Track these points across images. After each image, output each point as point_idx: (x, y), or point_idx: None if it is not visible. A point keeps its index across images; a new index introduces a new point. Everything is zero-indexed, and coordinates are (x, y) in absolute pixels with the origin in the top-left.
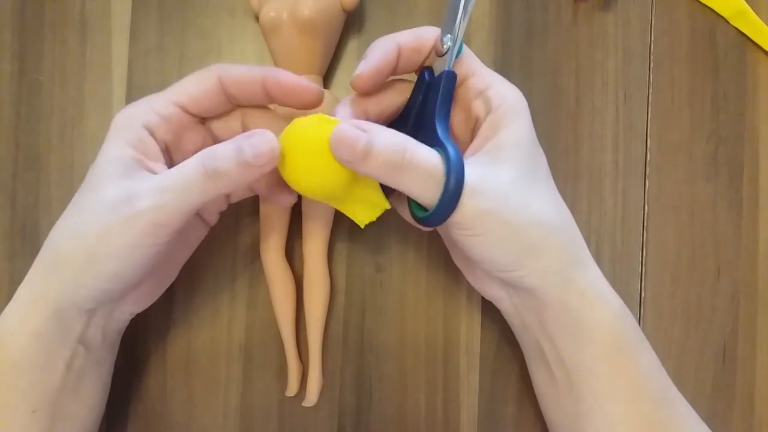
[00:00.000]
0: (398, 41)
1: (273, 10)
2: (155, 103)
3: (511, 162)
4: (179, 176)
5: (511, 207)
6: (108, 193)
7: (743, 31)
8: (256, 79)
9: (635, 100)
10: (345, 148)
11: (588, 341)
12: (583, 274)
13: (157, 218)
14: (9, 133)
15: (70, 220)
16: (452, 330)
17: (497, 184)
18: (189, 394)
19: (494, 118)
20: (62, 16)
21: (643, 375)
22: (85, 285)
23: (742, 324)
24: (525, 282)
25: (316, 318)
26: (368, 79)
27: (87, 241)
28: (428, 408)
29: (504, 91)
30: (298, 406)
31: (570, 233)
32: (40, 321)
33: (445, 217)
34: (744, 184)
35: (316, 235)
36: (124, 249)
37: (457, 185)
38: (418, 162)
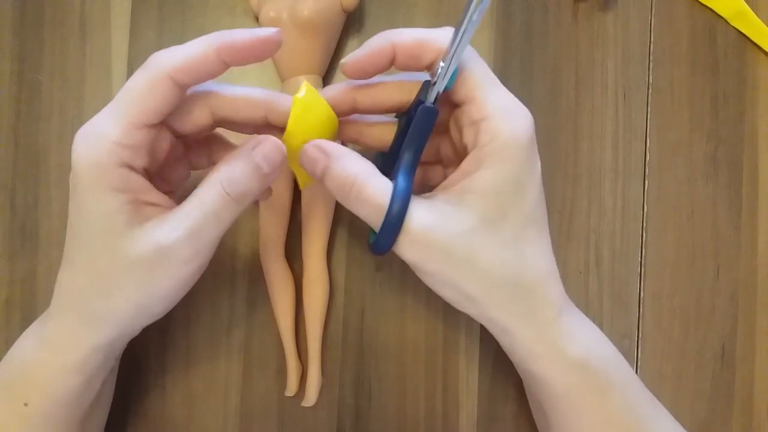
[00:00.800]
0: (394, 41)
1: (273, 10)
2: (119, 137)
3: (474, 208)
4: (205, 211)
5: (455, 258)
6: (133, 253)
7: (743, 32)
8: (209, 56)
9: (635, 100)
10: (308, 166)
11: (543, 386)
12: (530, 328)
13: (198, 258)
14: (9, 133)
15: (95, 280)
16: (452, 330)
17: (448, 231)
18: (189, 394)
19: (477, 155)
20: (62, 16)
21: (609, 416)
22: (135, 329)
23: (742, 324)
24: (476, 319)
25: (315, 318)
26: (351, 68)
27: (130, 298)
28: (427, 408)
29: (498, 126)
30: (297, 406)
31: (521, 288)
32: (88, 361)
33: (386, 244)
34: (743, 184)
35: (315, 235)
36: (171, 291)
37: (399, 213)
38: (364, 195)
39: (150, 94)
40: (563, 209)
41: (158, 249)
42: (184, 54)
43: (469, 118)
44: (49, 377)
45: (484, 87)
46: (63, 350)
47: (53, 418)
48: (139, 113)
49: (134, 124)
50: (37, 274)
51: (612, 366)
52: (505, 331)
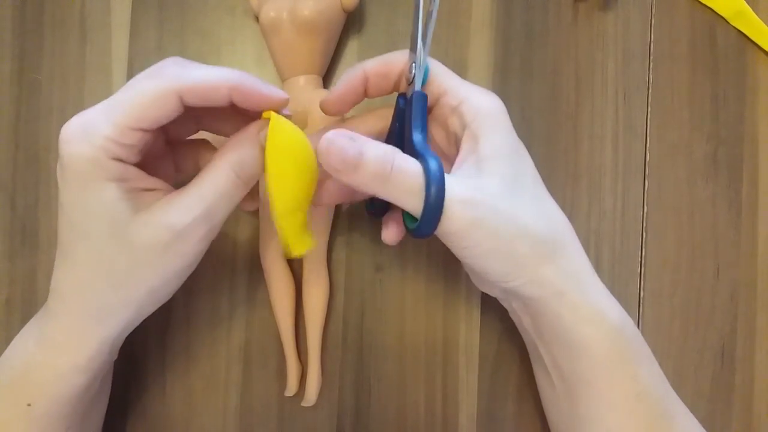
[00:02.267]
0: (365, 68)
1: (273, 10)
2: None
3: (494, 173)
4: (217, 193)
5: (499, 218)
6: (144, 238)
7: (743, 31)
8: (220, 89)
9: (635, 100)
10: (335, 158)
11: (582, 354)
12: (577, 287)
13: (210, 232)
14: (9, 133)
15: (101, 270)
16: (451, 330)
17: (485, 196)
18: (189, 394)
19: (471, 131)
20: (62, 16)
21: (641, 388)
22: (143, 316)
23: (741, 324)
24: (520, 291)
25: (315, 318)
26: (333, 103)
27: (142, 282)
28: (427, 408)
29: (477, 102)
30: (297, 406)
31: (562, 243)
32: (95, 360)
33: (431, 227)
34: (743, 185)
35: (315, 235)
36: (183, 272)
37: (438, 194)
38: (404, 172)
39: (154, 104)
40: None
41: (174, 231)
42: (200, 78)
43: (449, 107)
44: (54, 379)
45: (450, 78)
46: (69, 350)
47: (57, 417)
48: (138, 118)
49: (131, 127)
50: (37, 274)
51: (639, 336)
52: (555, 294)
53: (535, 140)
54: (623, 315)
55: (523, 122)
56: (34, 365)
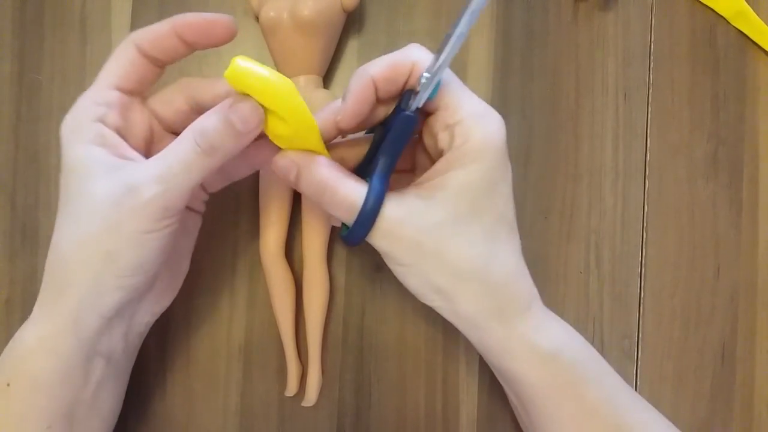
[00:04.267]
0: (372, 74)
1: (273, 10)
2: (93, 95)
3: (446, 204)
4: (176, 158)
5: (424, 249)
6: (101, 191)
7: (743, 31)
8: (168, 32)
9: (635, 100)
10: (281, 174)
11: (518, 381)
12: (500, 324)
13: (165, 202)
14: (9, 133)
15: (67, 230)
16: (452, 330)
17: (418, 224)
18: (189, 394)
19: (451, 156)
20: (62, 15)
21: (589, 406)
22: (107, 287)
23: (742, 324)
24: (442, 314)
25: (315, 318)
26: (350, 121)
27: (99, 241)
28: (428, 408)
29: (472, 129)
30: (297, 406)
31: (490, 284)
32: (59, 338)
33: (357, 240)
34: (744, 184)
35: (315, 235)
36: (139, 236)
37: (369, 216)
38: (338, 198)
39: (117, 59)
40: (563, 209)
41: (124, 187)
42: (148, 28)
43: (443, 123)
44: (25, 355)
45: (457, 94)
46: (37, 323)
47: (33, 404)
48: (107, 75)
49: (105, 85)
50: (37, 274)
51: (584, 358)
52: (475, 327)
53: (535, 140)
54: (562, 339)
55: (523, 122)
56: (14, 341)
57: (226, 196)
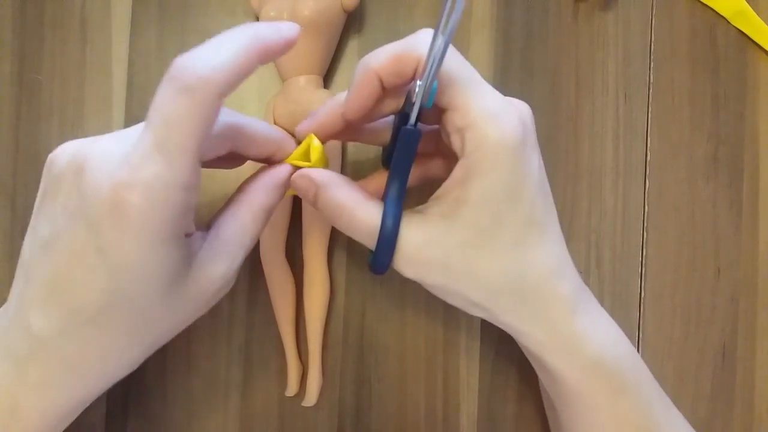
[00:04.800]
0: (375, 68)
1: (273, 10)
2: (179, 173)
3: (468, 221)
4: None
5: (454, 272)
6: (192, 291)
7: (743, 31)
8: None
9: (635, 100)
10: (299, 192)
11: (557, 380)
12: (541, 328)
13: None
14: (9, 133)
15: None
16: (452, 330)
17: (444, 247)
18: (189, 394)
19: (466, 164)
20: (62, 16)
21: (621, 417)
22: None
23: (742, 324)
24: (492, 322)
25: (315, 318)
26: (354, 114)
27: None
28: (428, 408)
29: (484, 133)
30: (297, 406)
31: (525, 291)
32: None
33: (381, 270)
34: (744, 184)
35: (316, 235)
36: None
37: (387, 246)
38: (356, 222)
39: (202, 122)
40: (563, 209)
41: (225, 280)
42: (229, 68)
43: (453, 125)
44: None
45: (467, 92)
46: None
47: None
48: (196, 146)
49: (191, 156)
50: None
51: (627, 366)
52: (519, 333)
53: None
54: (607, 343)
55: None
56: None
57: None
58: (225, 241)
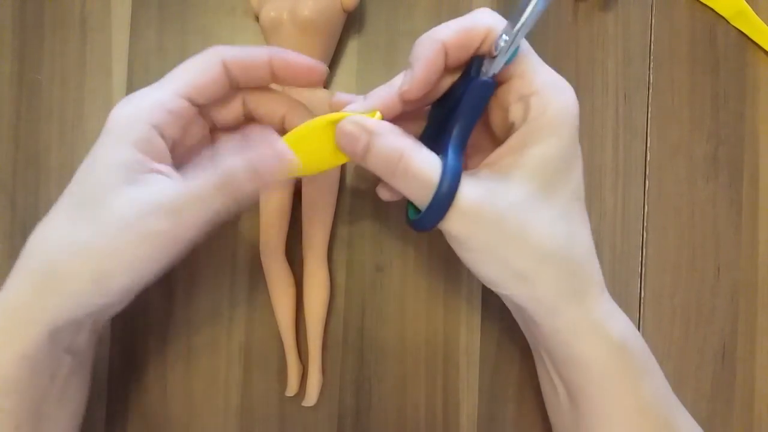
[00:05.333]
0: (443, 39)
1: (273, 10)
2: (162, 98)
3: (525, 182)
4: (194, 193)
5: (506, 231)
6: (116, 207)
7: (743, 31)
8: (263, 61)
9: (635, 100)
10: (347, 144)
11: (581, 368)
12: (577, 306)
13: (175, 235)
14: (9, 133)
15: (66, 232)
16: (452, 330)
17: (498, 205)
18: (189, 394)
19: (527, 130)
20: (62, 16)
21: (643, 402)
22: (90, 304)
23: (742, 324)
24: (516, 301)
25: (315, 318)
26: (418, 91)
27: (95, 260)
28: (428, 408)
29: (549, 100)
30: (297, 406)
31: (572, 263)
32: (31, 343)
33: (430, 225)
34: (744, 184)
35: (316, 235)
36: (138, 263)
37: (446, 198)
38: (412, 170)
39: (201, 72)
40: None
41: (137, 210)
42: (242, 50)
43: (517, 93)
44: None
45: (532, 62)
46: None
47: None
48: (186, 84)
49: (179, 93)
50: None
51: (645, 352)
52: (551, 311)
53: None
54: (627, 329)
55: None
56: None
57: None
58: (173, 182)
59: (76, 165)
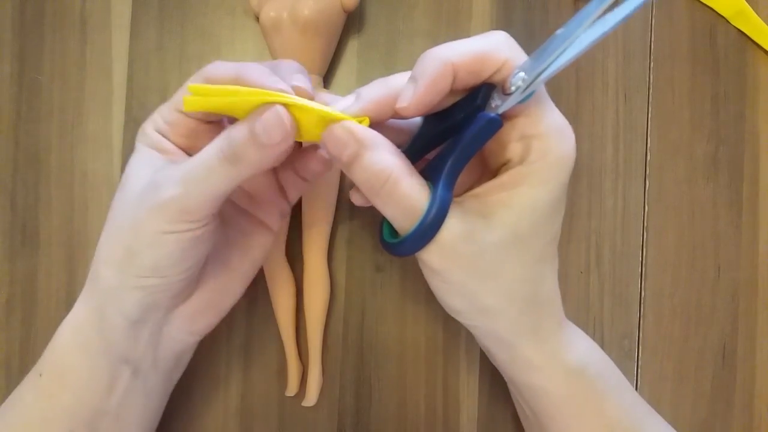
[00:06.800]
0: (453, 60)
1: (273, 10)
2: (163, 110)
3: (509, 224)
4: (200, 163)
5: (481, 270)
6: (136, 188)
7: (743, 31)
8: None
9: (635, 100)
10: (333, 148)
11: (541, 395)
12: (534, 341)
13: (183, 205)
14: (9, 133)
15: (108, 225)
16: (452, 330)
17: (479, 243)
18: (189, 394)
19: (523, 171)
20: (62, 16)
21: (608, 421)
22: (127, 285)
23: (742, 323)
24: (475, 332)
25: (316, 318)
26: (416, 110)
27: (122, 236)
28: (428, 408)
29: (551, 146)
30: (297, 406)
31: (536, 303)
32: (87, 334)
33: (408, 252)
34: (744, 184)
35: (316, 235)
36: (156, 236)
37: (430, 229)
38: (398, 194)
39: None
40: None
41: (151, 185)
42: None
43: (520, 132)
44: (57, 346)
45: (541, 102)
46: (74, 314)
47: (59, 401)
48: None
49: (175, 108)
50: (37, 274)
51: (607, 372)
52: (507, 345)
53: None
54: (587, 354)
55: None
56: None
57: None
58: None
59: (76, 165)
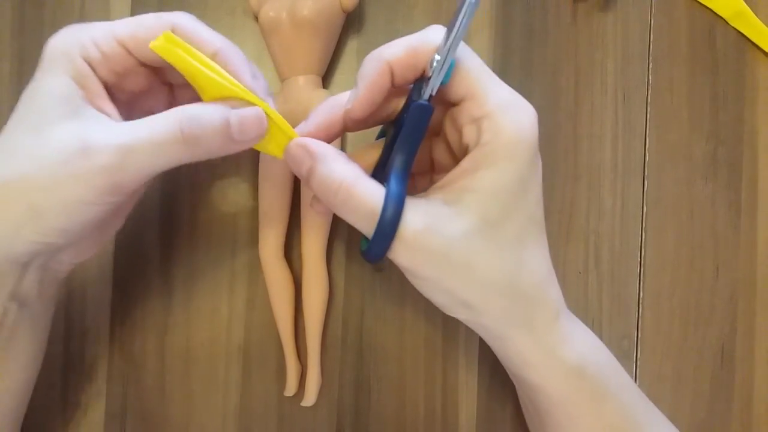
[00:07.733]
0: (388, 59)
1: (272, 10)
2: (97, 35)
3: (475, 209)
4: (147, 135)
5: (451, 262)
6: (56, 137)
7: (742, 32)
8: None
9: (634, 100)
10: (293, 165)
11: (540, 392)
12: (527, 334)
13: (119, 178)
14: None
15: (4, 162)
16: (452, 330)
17: (444, 235)
18: (188, 394)
19: (479, 153)
20: (62, 16)
21: (608, 422)
22: (25, 239)
23: (741, 324)
24: (468, 325)
25: (314, 318)
26: (362, 110)
27: (30, 193)
28: (427, 408)
29: (502, 122)
30: (297, 406)
31: (519, 292)
32: None
33: (377, 256)
34: (743, 185)
35: (314, 235)
36: (76, 206)
37: (389, 227)
38: (354, 200)
39: (145, 27)
40: (563, 209)
41: (79, 143)
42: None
43: (469, 115)
44: None
45: (484, 82)
46: None
47: None
48: (125, 32)
49: (116, 37)
50: None
51: (608, 372)
52: (499, 339)
53: None
54: (587, 350)
55: None
56: None
57: (225, 195)
58: (126, 123)
59: None
